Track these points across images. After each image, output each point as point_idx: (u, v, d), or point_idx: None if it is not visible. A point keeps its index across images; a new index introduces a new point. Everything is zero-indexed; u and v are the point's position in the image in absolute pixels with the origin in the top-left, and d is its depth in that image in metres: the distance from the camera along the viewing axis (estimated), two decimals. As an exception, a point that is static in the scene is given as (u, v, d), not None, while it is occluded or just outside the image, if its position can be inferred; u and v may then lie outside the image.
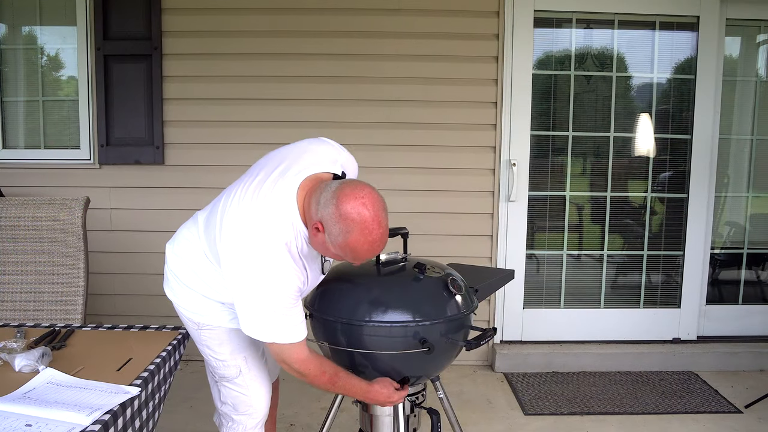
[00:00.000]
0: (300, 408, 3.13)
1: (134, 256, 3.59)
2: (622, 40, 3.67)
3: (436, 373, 2.05)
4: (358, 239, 1.54)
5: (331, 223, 1.54)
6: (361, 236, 1.54)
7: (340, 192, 1.54)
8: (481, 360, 3.75)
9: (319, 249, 1.65)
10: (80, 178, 3.57)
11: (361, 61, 3.49)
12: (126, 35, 3.48)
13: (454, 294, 1.87)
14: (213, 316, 1.85)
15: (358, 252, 1.57)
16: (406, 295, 1.87)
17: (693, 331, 3.81)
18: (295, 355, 1.65)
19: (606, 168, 3.73)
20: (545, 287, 3.82)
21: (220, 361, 1.89)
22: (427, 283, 1.88)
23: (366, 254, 1.59)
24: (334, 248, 1.58)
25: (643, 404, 3.21)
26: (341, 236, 1.54)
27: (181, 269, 1.87)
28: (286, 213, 1.60)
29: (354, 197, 1.53)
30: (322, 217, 1.55)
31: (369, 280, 1.94)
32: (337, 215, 1.53)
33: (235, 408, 1.94)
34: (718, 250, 3.90)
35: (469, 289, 1.98)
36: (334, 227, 1.54)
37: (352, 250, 1.56)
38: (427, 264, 1.93)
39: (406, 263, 1.98)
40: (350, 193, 1.54)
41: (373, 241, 1.55)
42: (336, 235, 1.54)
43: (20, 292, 2.47)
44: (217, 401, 1.99)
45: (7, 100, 3.65)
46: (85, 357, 1.72)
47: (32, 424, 1.29)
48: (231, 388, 1.92)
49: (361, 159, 3.45)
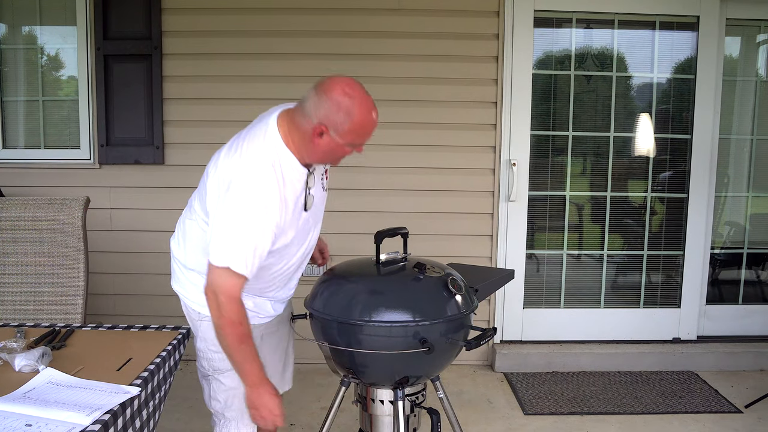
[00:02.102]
0: (300, 408, 3.13)
1: (134, 256, 3.59)
2: (622, 40, 3.67)
3: (436, 373, 2.05)
4: (361, 113, 1.66)
5: (333, 115, 1.65)
6: (362, 110, 1.66)
7: (321, 90, 1.67)
8: (481, 360, 3.75)
9: (326, 154, 1.72)
10: (80, 178, 3.57)
11: (361, 61, 3.49)
12: (126, 35, 3.48)
13: (454, 294, 1.86)
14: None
15: (366, 125, 1.68)
16: (406, 295, 1.87)
17: (693, 331, 3.81)
18: (227, 285, 1.65)
19: (606, 168, 3.73)
20: (545, 287, 3.82)
21: (217, 353, 1.88)
22: (427, 283, 1.88)
23: (372, 125, 1.70)
24: (343, 137, 1.67)
25: (643, 404, 3.21)
26: (347, 120, 1.65)
27: (184, 254, 1.91)
28: (271, 140, 1.71)
29: (336, 85, 1.66)
30: (321, 117, 1.66)
31: (369, 279, 1.95)
32: (335, 106, 1.64)
33: (227, 405, 1.95)
34: (718, 250, 3.90)
35: (469, 289, 1.98)
36: (337, 116, 1.64)
37: (361, 126, 1.67)
38: (427, 264, 1.93)
39: (406, 263, 1.98)
40: (330, 84, 1.67)
41: (372, 108, 1.69)
42: (342, 122, 1.65)
43: (20, 292, 2.47)
44: (208, 401, 2.00)
45: (7, 100, 3.65)
46: (85, 357, 1.72)
47: (32, 424, 1.29)
48: (223, 382, 1.93)
49: (361, 159, 3.46)
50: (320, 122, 1.66)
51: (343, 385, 2.07)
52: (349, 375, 1.99)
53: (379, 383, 1.98)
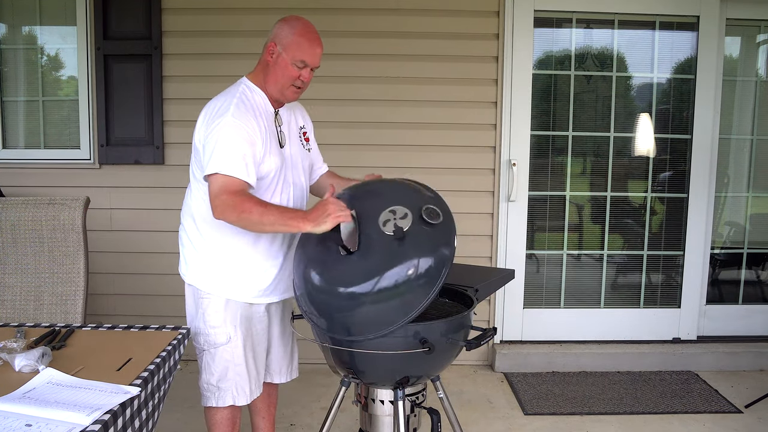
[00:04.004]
0: (300, 408, 3.13)
1: (134, 256, 3.59)
2: (622, 40, 3.67)
3: (437, 373, 2.05)
4: (303, 27, 1.97)
5: (280, 31, 1.97)
6: (305, 26, 1.98)
7: (277, 21, 2.01)
8: (481, 360, 3.75)
9: (278, 76, 1.97)
10: (80, 178, 3.57)
11: (360, 61, 3.49)
12: (126, 35, 3.48)
13: (431, 224, 1.83)
14: (213, 282, 2.04)
15: (308, 36, 1.96)
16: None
17: (693, 331, 3.81)
18: (224, 186, 1.85)
19: (606, 168, 3.73)
20: (545, 287, 3.82)
21: (213, 328, 2.04)
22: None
23: (314, 41, 1.97)
24: (288, 52, 1.94)
25: (643, 404, 3.21)
26: (291, 32, 1.95)
27: (187, 234, 2.08)
28: (240, 82, 2.03)
29: (285, 17, 2.01)
30: (273, 36, 1.98)
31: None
32: (283, 24, 1.99)
33: (222, 377, 2.04)
34: (718, 250, 3.90)
35: (449, 214, 1.92)
36: (283, 30, 1.96)
37: (303, 36, 1.95)
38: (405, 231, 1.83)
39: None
40: (284, 17, 2.02)
41: (314, 30, 2.00)
42: (286, 35, 1.95)
43: (20, 292, 2.47)
44: (203, 377, 2.08)
45: (7, 100, 3.65)
46: (85, 357, 1.72)
47: (32, 424, 1.29)
48: (219, 355, 2.04)
49: (361, 159, 3.47)
50: (272, 39, 1.97)
51: (343, 385, 2.08)
52: (349, 375, 1.99)
53: (379, 383, 1.98)
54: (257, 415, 2.36)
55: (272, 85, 2.00)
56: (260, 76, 2.02)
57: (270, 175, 1.99)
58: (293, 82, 1.98)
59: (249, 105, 1.96)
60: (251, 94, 2.00)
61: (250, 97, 1.99)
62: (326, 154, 2.40)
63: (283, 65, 1.96)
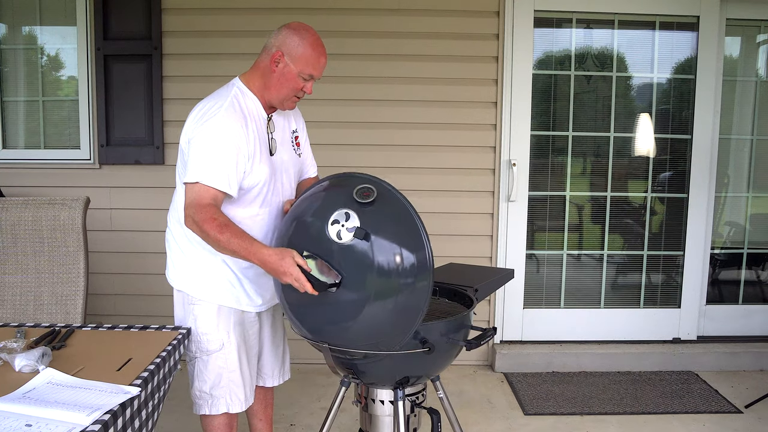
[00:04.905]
0: (300, 408, 3.13)
1: (134, 256, 3.59)
2: (622, 40, 3.67)
3: (437, 373, 2.05)
4: (313, 40, 1.90)
5: (289, 39, 1.88)
6: (314, 39, 1.90)
7: (281, 27, 1.92)
8: (481, 360, 3.75)
9: (281, 84, 1.91)
10: (80, 178, 3.57)
11: (360, 61, 3.49)
12: (126, 35, 3.47)
13: (370, 202, 1.73)
14: (204, 288, 2.00)
15: (317, 50, 1.90)
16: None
17: (693, 331, 3.81)
18: (198, 197, 1.81)
19: (606, 168, 3.73)
20: (545, 287, 3.82)
21: (205, 335, 2.01)
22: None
23: (322, 55, 1.92)
24: (296, 63, 1.88)
25: (643, 404, 3.21)
26: (301, 43, 1.88)
27: (174, 238, 2.06)
28: (232, 84, 1.96)
29: (293, 22, 1.94)
30: (279, 43, 1.89)
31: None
32: (292, 32, 1.90)
33: (215, 384, 2.01)
34: (718, 250, 3.90)
35: (382, 183, 1.85)
36: (292, 40, 1.88)
37: (313, 49, 1.89)
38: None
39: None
40: (289, 23, 1.94)
41: (322, 43, 1.92)
42: (296, 45, 1.88)
43: (20, 292, 2.47)
44: (196, 384, 2.04)
45: (7, 100, 3.65)
46: (85, 357, 1.72)
47: (32, 424, 1.29)
48: (213, 362, 2.00)
49: (361, 159, 3.46)
50: (278, 48, 1.89)
51: (343, 385, 2.07)
52: (349, 375, 1.99)
53: (379, 383, 1.98)
54: (254, 417, 2.34)
55: (274, 93, 1.94)
56: (257, 81, 1.95)
57: (259, 184, 1.93)
58: (296, 93, 1.94)
59: (240, 110, 1.89)
60: (243, 99, 1.93)
61: (242, 101, 1.92)
62: (326, 154, 2.40)
63: (289, 77, 1.90)
